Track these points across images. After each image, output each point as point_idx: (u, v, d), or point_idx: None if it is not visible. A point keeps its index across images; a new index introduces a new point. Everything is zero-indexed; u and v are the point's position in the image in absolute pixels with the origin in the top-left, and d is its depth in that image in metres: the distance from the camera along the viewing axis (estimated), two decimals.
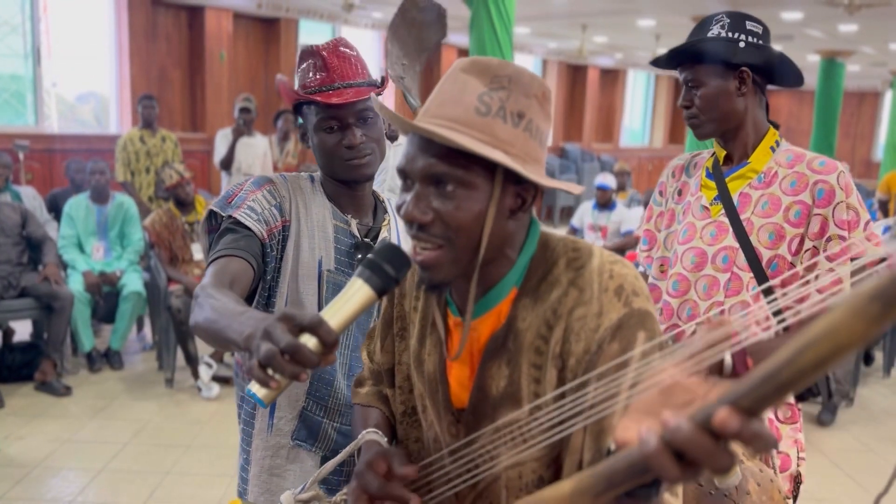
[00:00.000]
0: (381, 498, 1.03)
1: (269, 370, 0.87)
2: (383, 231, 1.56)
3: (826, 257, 1.56)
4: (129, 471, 3.49)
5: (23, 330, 4.96)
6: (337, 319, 0.94)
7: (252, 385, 0.89)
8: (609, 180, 5.89)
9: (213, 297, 1.16)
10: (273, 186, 1.48)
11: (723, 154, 1.71)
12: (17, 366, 4.55)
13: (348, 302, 0.96)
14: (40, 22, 7.51)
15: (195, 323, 1.16)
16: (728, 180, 1.67)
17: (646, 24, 10.75)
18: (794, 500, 1.63)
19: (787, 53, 1.67)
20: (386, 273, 0.98)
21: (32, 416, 4.07)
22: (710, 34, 1.64)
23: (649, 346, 0.95)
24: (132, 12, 8.13)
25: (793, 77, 1.68)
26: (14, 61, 7.59)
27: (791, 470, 1.64)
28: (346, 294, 0.97)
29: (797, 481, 1.64)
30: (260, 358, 0.86)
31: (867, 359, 5.54)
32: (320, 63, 1.46)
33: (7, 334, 4.78)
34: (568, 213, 12.11)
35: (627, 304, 0.96)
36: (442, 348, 1.09)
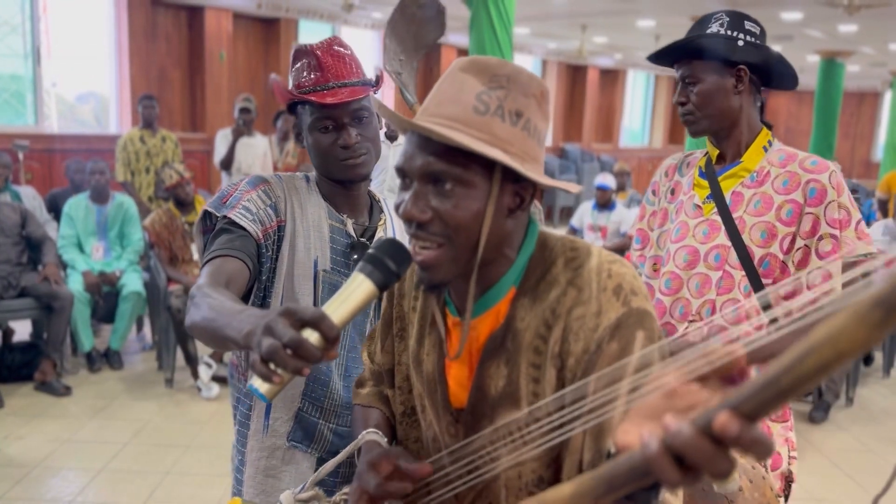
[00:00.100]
0: (381, 497, 1.03)
1: (272, 365, 0.86)
2: (379, 231, 1.56)
3: (818, 255, 1.56)
4: (128, 471, 3.49)
5: (22, 330, 4.96)
6: (339, 314, 0.94)
7: (254, 380, 0.89)
8: (609, 180, 5.89)
9: (210, 296, 1.15)
10: (268, 186, 1.47)
11: (715, 153, 1.71)
12: (17, 366, 4.55)
13: (350, 297, 0.96)
14: (40, 22, 7.51)
15: (192, 322, 1.16)
16: (721, 179, 1.67)
17: (645, 25, 10.75)
18: (786, 499, 1.63)
19: (786, 54, 1.68)
20: (387, 268, 0.97)
21: (32, 416, 4.07)
22: (708, 31, 1.64)
23: (648, 346, 0.95)
24: (132, 12, 8.13)
25: (789, 79, 1.68)
26: (14, 61, 7.59)
27: (782, 468, 1.64)
28: (348, 289, 0.96)
29: (788, 480, 1.64)
30: (262, 352, 0.85)
31: (867, 359, 5.54)
32: (314, 62, 1.45)
33: (7, 334, 4.78)
34: (567, 213, 12.10)
35: (626, 303, 0.96)
36: (441, 348, 1.09)
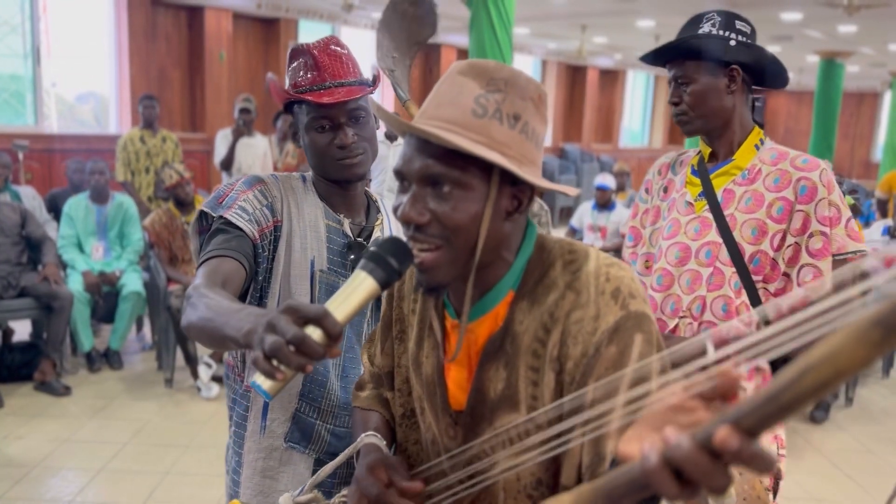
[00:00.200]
0: None
1: (275, 361, 0.86)
2: (376, 230, 1.55)
3: (808, 253, 1.58)
4: (128, 471, 3.49)
5: (22, 330, 4.96)
6: (341, 311, 0.93)
7: (257, 377, 0.88)
8: (608, 181, 5.90)
9: (207, 296, 1.14)
10: (264, 186, 1.47)
11: (708, 151, 1.73)
12: (17, 365, 4.55)
13: (352, 294, 0.96)
14: (40, 22, 7.50)
15: (189, 322, 1.15)
16: (712, 177, 1.69)
17: (645, 25, 10.75)
18: (774, 495, 1.64)
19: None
20: (389, 265, 0.97)
21: (32, 416, 4.07)
22: (700, 31, 1.65)
23: (647, 349, 0.95)
24: (132, 12, 8.12)
25: (780, 77, 1.70)
26: (13, 61, 7.58)
27: None
28: (350, 286, 0.96)
29: (777, 477, 1.64)
30: (266, 349, 0.85)
31: None
32: (311, 62, 1.45)
33: (6, 334, 4.78)
34: (567, 213, 12.10)
35: (624, 306, 0.96)
36: (440, 350, 1.10)
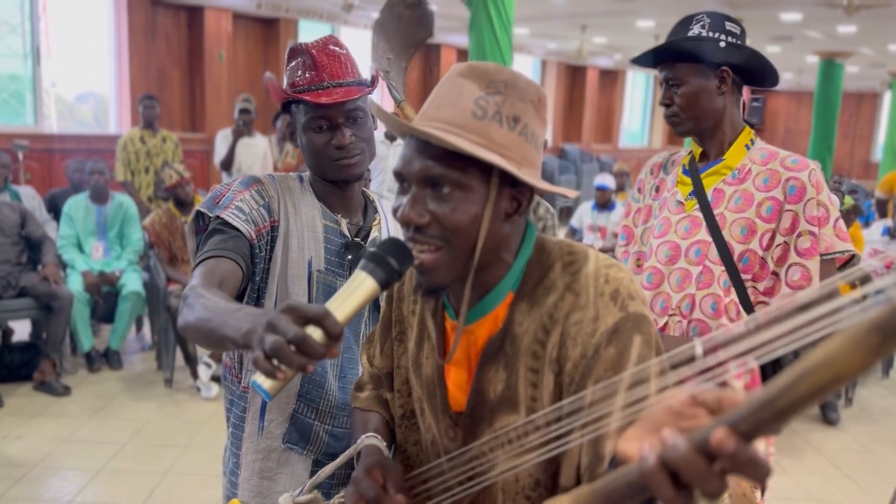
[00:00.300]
0: None
1: (275, 361, 0.85)
2: (374, 231, 1.55)
3: (796, 252, 1.59)
4: (127, 471, 3.49)
5: (22, 330, 4.96)
6: (342, 311, 0.93)
7: (257, 377, 0.88)
8: (608, 181, 5.91)
9: (204, 296, 1.14)
10: (261, 186, 1.46)
11: (699, 151, 1.74)
12: (16, 365, 4.55)
13: (353, 294, 0.96)
14: (40, 22, 7.50)
15: (185, 323, 1.14)
16: (703, 176, 1.71)
17: (645, 25, 10.75)
18: (762, 492, 1.64)
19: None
20: (390, 266, 0.97)
21: (31, 416, 4.07)
22: (690, 33, 1.67)
23: (646, 350, 0.95)
24: (131, 12, 8.13)
25: (769, 77, 1.71)
26: (13, 61, 7.58)
27: None
28: (350, 286, 0.96)
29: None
30: (266, 348, 0.85)
31: None
32: (309, 61, 1.44)
33: (6, 334, 4.78)
34: (567, 213, 12.10)
35: (623, 308, 0.97)
36: (437, 352, 1.10)
